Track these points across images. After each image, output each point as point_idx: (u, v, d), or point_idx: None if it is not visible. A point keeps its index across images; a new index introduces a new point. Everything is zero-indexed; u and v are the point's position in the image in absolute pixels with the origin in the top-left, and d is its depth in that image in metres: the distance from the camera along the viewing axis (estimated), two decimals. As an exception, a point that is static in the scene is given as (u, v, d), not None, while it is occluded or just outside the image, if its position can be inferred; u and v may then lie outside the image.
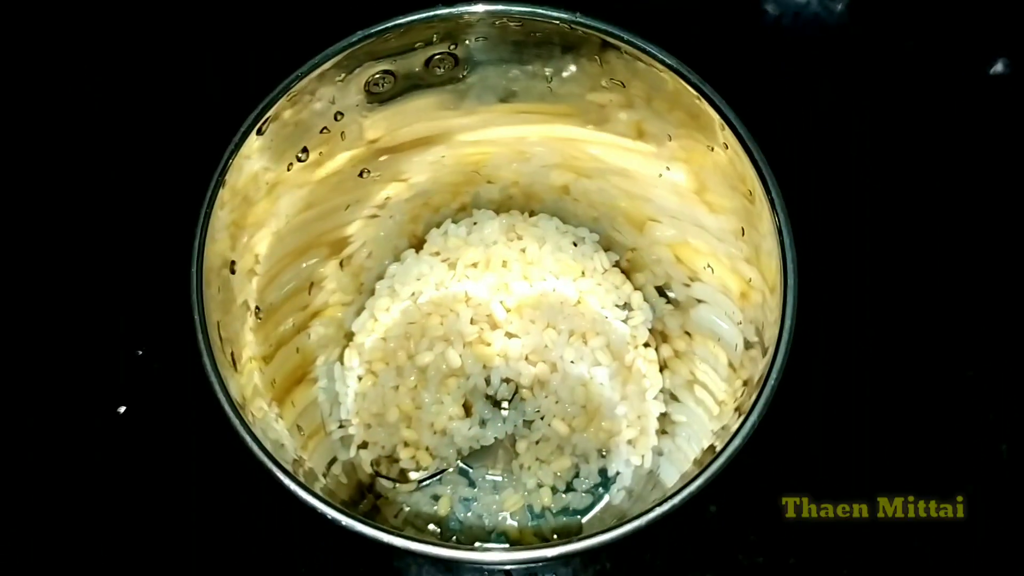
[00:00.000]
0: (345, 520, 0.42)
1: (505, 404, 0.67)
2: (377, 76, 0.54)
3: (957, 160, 0.69)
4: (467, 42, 0.53)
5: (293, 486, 0.42)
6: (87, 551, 0.60)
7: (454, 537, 0.65)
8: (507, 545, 0.62)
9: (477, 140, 0.63)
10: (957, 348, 0.65)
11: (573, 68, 0.55)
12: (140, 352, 0.65)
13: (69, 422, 0.62)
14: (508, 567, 0.53)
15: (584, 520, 0.65)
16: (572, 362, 0.66)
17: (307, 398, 0.63)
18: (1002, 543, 0.59)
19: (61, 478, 0.61)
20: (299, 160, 0.54)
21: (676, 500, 0.44)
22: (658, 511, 0.44)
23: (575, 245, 0.70)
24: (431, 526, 0.65)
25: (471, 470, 0.66)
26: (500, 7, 0.51)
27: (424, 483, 0.66)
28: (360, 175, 0.61)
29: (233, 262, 0.51)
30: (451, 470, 0.66)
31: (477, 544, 0.59)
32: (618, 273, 0.70)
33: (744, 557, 0.61)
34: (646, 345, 0.69)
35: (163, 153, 0.69)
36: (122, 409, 0.62)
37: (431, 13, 0.51)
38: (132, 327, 0.65)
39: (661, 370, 0.69)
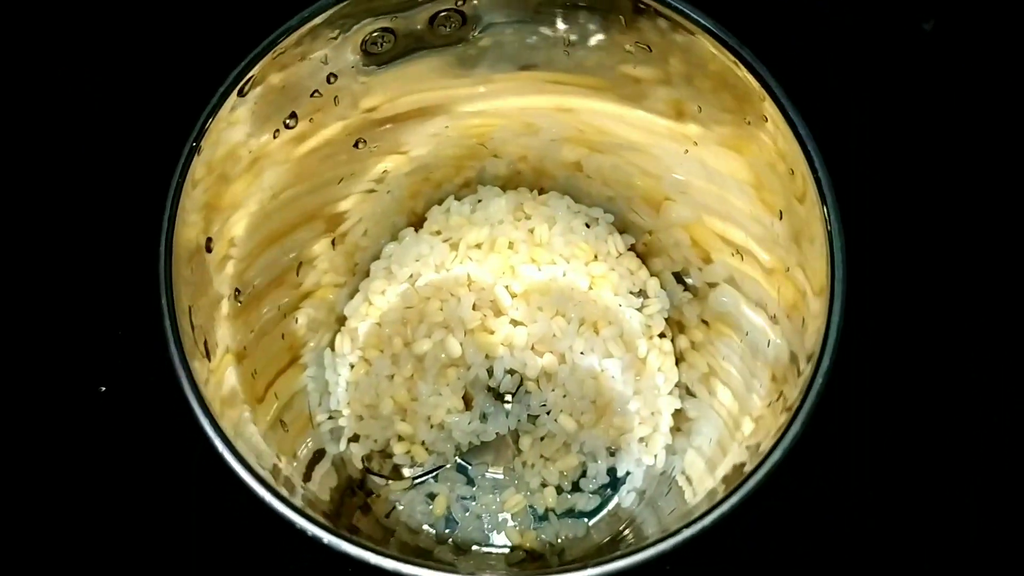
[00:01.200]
0: (327, 538, 0.38)
1: (508, 397, 0.64)
2: (375, 34, 0.49)
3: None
4: (477, -3, 0.48)
5: (268, 496, 0.37)
6: (67, 530, 0.59)
7: (450, 539, 0.62)
8: (506, 566, 0.59)
9: (484, 110, 0.59)
10: (966, 347, 0.63)
11: (594, 29, 0.50)
12: (120, 332, 0.63)
13: (50, 402, 0.61)
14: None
15: (591, 523, 0.63)
16: (582, 353, 0.63)
17: (292, 388, 0.59)
18: (1002, 543, 0.59)
19: (42, 458, 0.60)
20: (287, 127, 0.49)
21: (705, 522, 0.39)
22: (683, 535, 0.40)
23: (587, 226, 0.66)
24: (425, 527, 0.63)
25: (470, 467, 0.64)
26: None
27: (419, 480, 0.63)
28: (355, 145, 0.56)
29: (210, 239, 0.46)
30: (448, 467, 0.63)
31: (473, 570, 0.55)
32: (633, 257, 0.67)
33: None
34: (661, 336, 0.66)
35: (138, 117, 0.65)
36: (103, 389, 0.61)
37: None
38: (112, 306, 0.63)
39: (677, 363, 0.65)
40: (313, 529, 0.38)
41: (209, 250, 0.46)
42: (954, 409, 0.61)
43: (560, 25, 0.50)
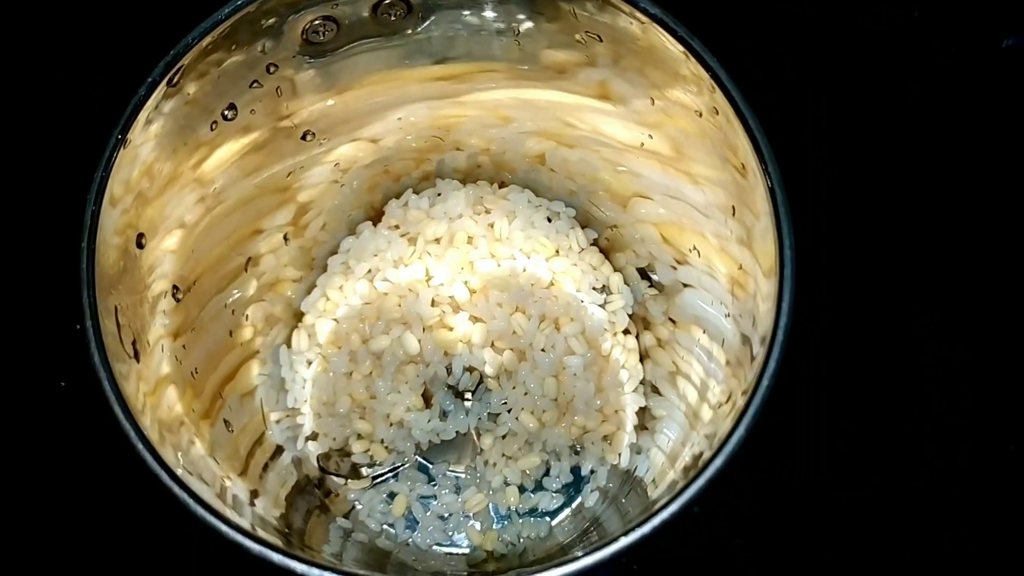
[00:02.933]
0: (276, 557, 0.36)
1: (468, 395, 0.63)
2: (317, 23, 0.47)
3: (967, 140, 0.65)
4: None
5: (186, 499, 0.36)
6: (25, 526, 0.59)
7: (410, 540, 0.61)
8: (467, 567, 0.59)
9: (440, 101, 0.57)
10: (962, 344, 0.62)
11: (543, 19, 0.49)
12: (78, 326, 0.60)
13: (9, 398, 0.61)
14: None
15: (554, 523, 0.62)
16: (543, 350, 0.62)
17: (241, 387, 0.58)
18: (1002, 543, 0.58)
19: (1, 454, 0.60)
20: (225, 119, 0.47)
21: (665, 515, 0.39)
22: (640, 532, 0.40)
23: (549, 221, 0.65)
24: (385, 526, 0.62)
25: (431, 466, 0.63)
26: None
27: (378, 480, 0.62)
28: (303, 138, 0.54)
29: (141, 235, 0.44)
30: (408, 466, 0.62)
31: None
32: (596, 253, 0.65)
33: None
34: (625, 332, 0.65)
35: (65, 106, 0.64)
36: (63, 384, 0.61)
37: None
38: (69, 301, 0.60)
39: (641, 360, 0.64)
40: (258, 548, 0.37)
41: (141, 246, 0.44)
42: (910, 390, 0.61)
43: (507, 15, 0.49)
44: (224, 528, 0.36)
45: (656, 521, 0.39)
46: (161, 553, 0.58)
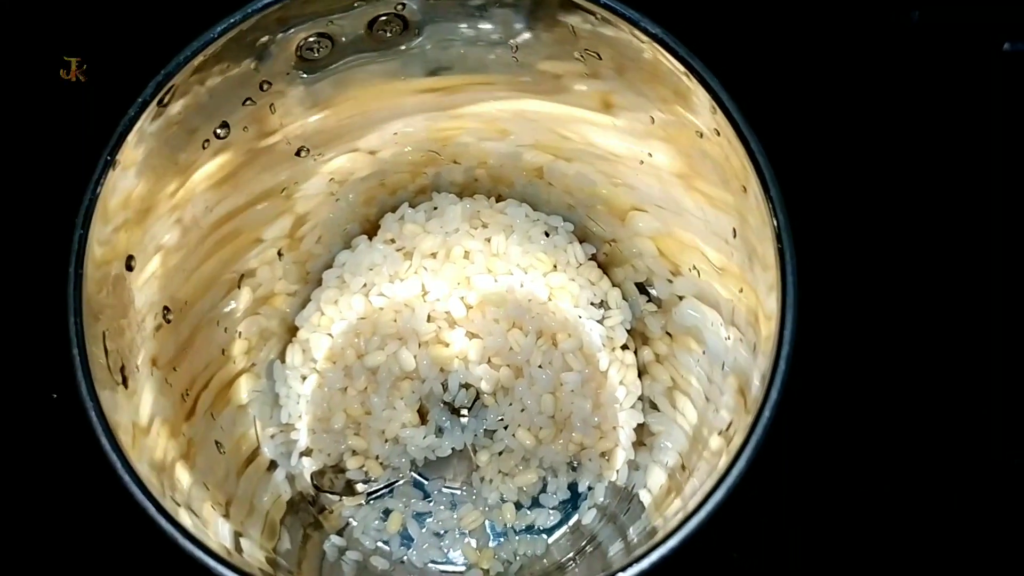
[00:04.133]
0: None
1: (464, 411, 0.62)
2: (311, 40, 0.46)
3: (968, 146, 0.64)
4: (417, 2, 0.45)
5: (172, 529, 0.35)
6: (17, 537, 0.58)
7: (405, 557, 0.60)
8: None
9: (437, 114, 0.57)
10: (971, 361, 0.62)
11: (542, 35, 0.48)
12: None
13: (1, 409, 0.60)
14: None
15: (550, 540, 0.61)
16: (540, 367, 0.61)
17: (233, 405, 0.57)
18: (1002, 543, 0.58)
19: None
20: (218, 137, 0.47)
21: (663, 550, 0.38)
22: (638, 567, 0.39)
23: (547, 235, 0.64)
24: (380, 544, 0.61)
25: (426, 483, 0.62)
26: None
27: (373, 496, 0.62)
28: (297, 154, 0.53)
29: (131, 258, 0.43)
30: (404, 482, 0.62)
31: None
32: (594, 268, 0.65)
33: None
34: (624, 348, 0.64)
35: (54, 126, 0.62)
36: (55, 396, 0.60)
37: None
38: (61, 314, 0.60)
39: (640, 376, 0.64)
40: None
41: (130, 268, 0.44)
42: (913, 412, 0.61)
43: (503, 30, 0.48)
44: (210, 562, 0.35)
45: (654, 557, 0.38)
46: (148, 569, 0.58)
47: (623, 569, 0.37)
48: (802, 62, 0.64)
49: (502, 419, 0.61)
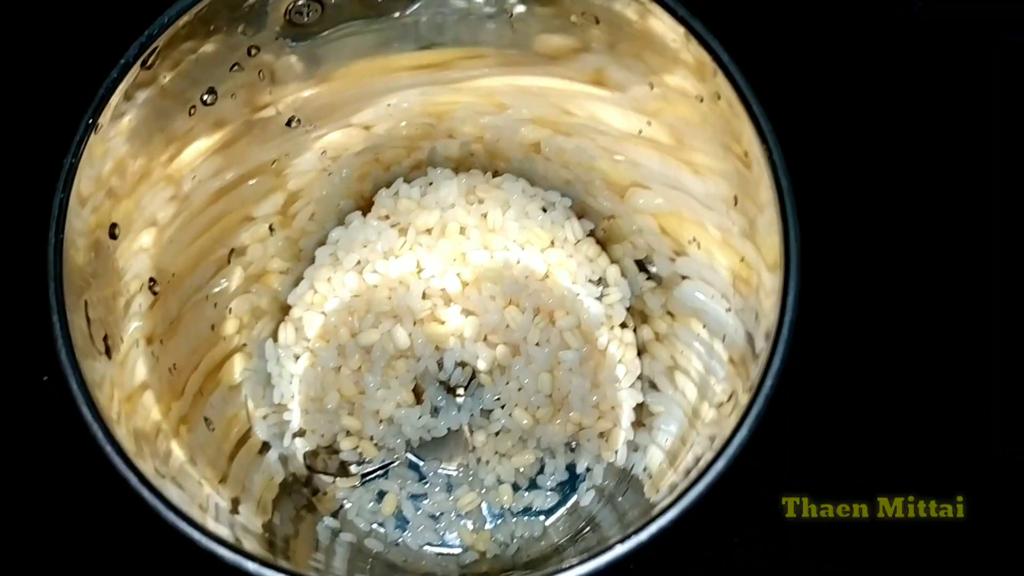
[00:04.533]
0: (252, 566, 0.35)
1: (460, 391, 0.62)
2: (300, 4, 0.45)
3: (972, 130, 0.63)
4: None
5: (157, 503, 0.34)
6: (11, 517, 0.58)
7: (400, 540, 0.60)
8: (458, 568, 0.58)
9: (432, 87, 0.56)
10: (974, 339, 0.61)
11: (537, 8, 0.47)
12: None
13: None
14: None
15: (548, 522, 0.61)
16: (537, 344, 0.60)
17: (224, 383, 0.56)
18: (1002, 543, 0.58)
19: None
20: (204, 103, 0.46)
21: (664, 520, 0.37)
22: (638, 538, 0.38)
23: (544, 211, 0.63)
24: (375, 526, 0.60)
25: (422, 464, 0.62)
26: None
27: (368, 477, 0.61)
28: (288, 124, 0.52)
29: (114, 226, 0.42)
30: (398, 463, 0.61)
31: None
32: (593, 244, 0.64)
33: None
34: (623, 326, 0.63)
35: (35, 90, 0.61)
36: (45, 378, 0.58)
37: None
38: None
39: (639, 355, 0.63)
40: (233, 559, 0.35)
41: (114, 237, 0.43)
42: (916, 388, 0.60)
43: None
44: (199, 537, 0.34)
45: (655, 527, 0.37)
46: (141, 552, 0.57)
47: (623, 540, 0.36)
48: (803, 55, 0.63)
49: (499, 398, 0.60)
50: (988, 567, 0.58)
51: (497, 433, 0.60)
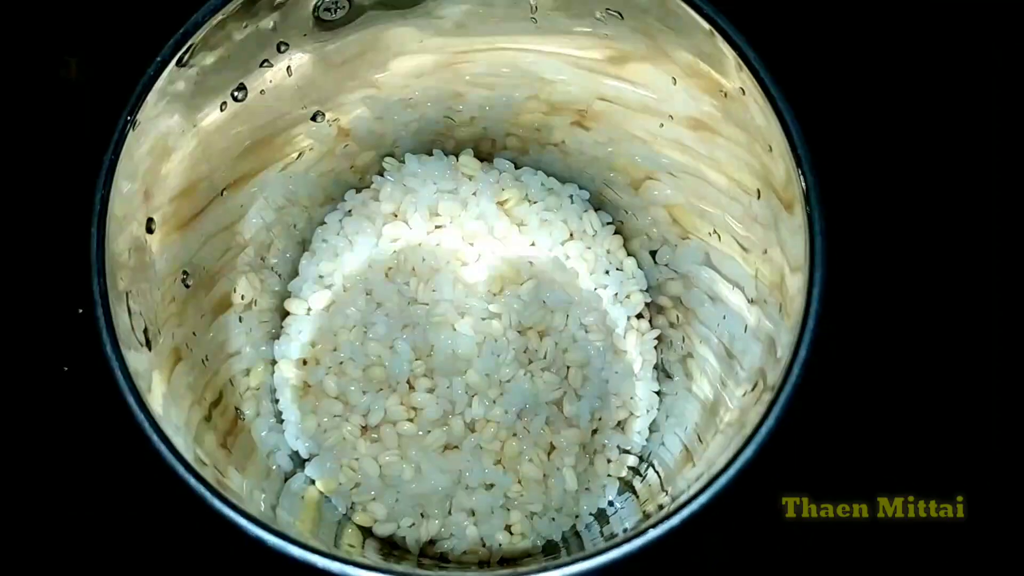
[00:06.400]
0: (295, 551, 0.35)
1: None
2: (328, 0, 0.45)
3: (1003, 122, 0.63)
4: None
5: (196, 483, 0.35)
6: (29, 512, 0.58)
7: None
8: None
9: (453, 76, 0.56)
10: (961, 342, 0.62)
11: None
12: (81, 311, 0.59)
13: (12, 383, 0.60)
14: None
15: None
16: (554, 335, 0.60)
17: (253, 379, 0.56)
18: (1002, 543, 0.58)
19: (3, 440, 0.59)
20: (235, 99, 0.46)
21: (674, 520, 0.37)
22: (665, 526, 0.39)
23: (562, 204, 0.63)
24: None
25: None
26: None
27: None
28: (313, 119, 0.53)
29: (151, 219, 0.43)
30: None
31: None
32: (611, 236, 0.64)
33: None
34: (640, 317, 0.63)
35: (73, 88, 0.62)
36: (66, 369, 0.60)
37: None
38: (71, 285, 0.59)
39: (655, 345, 0.63)
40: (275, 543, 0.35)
41: (151, 231, 0.43)
42: (918, 382, 0.61)
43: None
44: (244, 523, 0.35)
45: (687, 512, 0.38)
46: (168, 541, 0.58)
47: (655, 526, 0.37)
48: (828, 49, 0.64)
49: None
50: (988, 567, 0.58)
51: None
